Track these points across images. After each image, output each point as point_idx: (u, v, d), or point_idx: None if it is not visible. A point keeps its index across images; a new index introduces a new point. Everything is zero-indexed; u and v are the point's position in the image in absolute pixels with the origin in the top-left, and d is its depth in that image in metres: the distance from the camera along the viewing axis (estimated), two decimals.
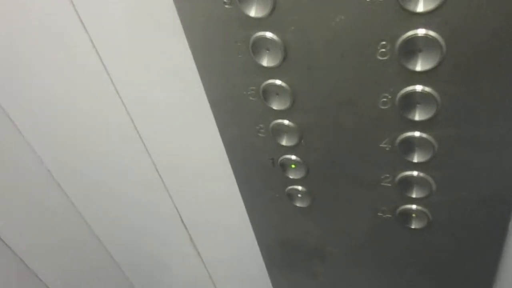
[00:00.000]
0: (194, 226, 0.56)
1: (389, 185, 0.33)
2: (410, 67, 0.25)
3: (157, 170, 0.48)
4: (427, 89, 0.25)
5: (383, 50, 0.25)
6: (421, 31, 0.23)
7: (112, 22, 0.34)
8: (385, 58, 0.25)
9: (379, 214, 0.35)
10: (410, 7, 0.22)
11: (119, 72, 0.38)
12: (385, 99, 0.27)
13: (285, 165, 0.35)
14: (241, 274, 0.60)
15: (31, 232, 0.62)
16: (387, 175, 0.32)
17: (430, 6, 0.22)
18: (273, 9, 0.25)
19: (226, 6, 0.26)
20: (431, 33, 0.23)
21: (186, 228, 0.56)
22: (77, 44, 0.37)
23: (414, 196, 0.32)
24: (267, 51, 0.28)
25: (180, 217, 0.54)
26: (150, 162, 0.47)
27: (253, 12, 0.26)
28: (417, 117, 0.27)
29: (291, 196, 0.38)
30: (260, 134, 0.34)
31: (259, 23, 0.26)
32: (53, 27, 0.36)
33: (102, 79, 0.39)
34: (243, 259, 0.57)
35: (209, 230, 0.55)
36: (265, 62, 0.28)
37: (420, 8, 0.22)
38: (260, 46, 0.28)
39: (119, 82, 0.39)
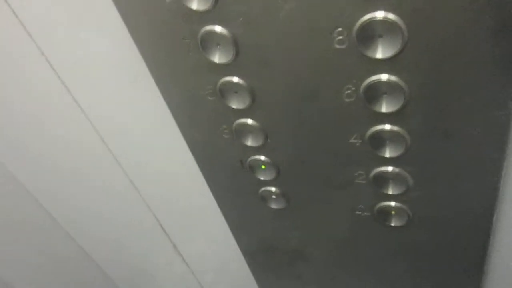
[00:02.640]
0: (176, 233, 0.54)
1: (364, 182, 0.30)
2: (371, 54, 0.22)
3: (132, 182, 0.46)
4: (392, 78, 0.23)
5: (340, 37, 0.22)
6: (379, 14, 0.21)
7: (61, 32, 0.32)
8: (343, 46, 0.23)
9: (357, 212, 0.33)
10: None
11: (81, 90, 0.36)
12: (349, 91, 0.25)
13: (254, 167, 0.33)
14: (229, 277, 0.58)
15: (15, 253, 0.60)
16: (361, 172, 0.30)
17: None
18: (216, 0, 0.23)
19: (167, 0, 0.24)
20: (390, 15, 0.21)
21: (168, 235, 0.54)
22: (31, 60, 0.34)
23: (390, 192, 0.30)
24: (218, 46, 0.25)
25: (161, 225, 0.52)
26: (123, 174, 0.45)
27: (195, 5, 0.23)
28: (385, 108, 0.24)
29: (265, 198, 0.36)
30: (224, 136, 0.32)
31: (205, 16, 0.24)
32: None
33: (67, 101, 0.37)
34: (229, 262, 0.55)
35: (192, 236, 0.53)
36: (217, 58, 0.26)
37: None
38: (209, 41, 0.25)
39: (85, 104, 0.37)
